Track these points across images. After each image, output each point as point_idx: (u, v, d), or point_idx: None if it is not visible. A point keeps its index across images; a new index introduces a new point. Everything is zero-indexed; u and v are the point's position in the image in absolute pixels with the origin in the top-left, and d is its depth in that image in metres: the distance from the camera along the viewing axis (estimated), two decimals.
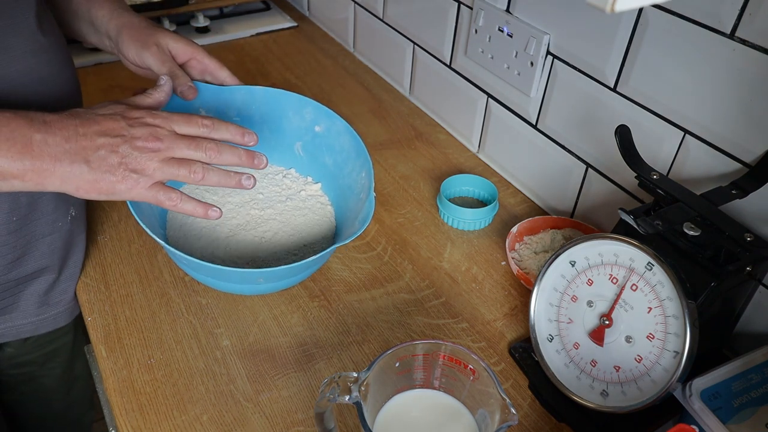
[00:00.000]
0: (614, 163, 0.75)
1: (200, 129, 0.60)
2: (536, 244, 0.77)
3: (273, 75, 1.15)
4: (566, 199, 0.83)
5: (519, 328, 0.71)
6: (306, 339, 0.68)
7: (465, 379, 0.53)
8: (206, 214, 0.61)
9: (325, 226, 0.76)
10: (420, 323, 0.71)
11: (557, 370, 0.61)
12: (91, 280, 0.74)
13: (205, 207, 0.61)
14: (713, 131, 0.63)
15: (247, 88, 0.77)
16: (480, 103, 0.93)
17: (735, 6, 0.57)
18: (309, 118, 0.78)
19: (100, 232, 0.80)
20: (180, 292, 0.73)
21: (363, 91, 1.12)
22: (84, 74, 1.12)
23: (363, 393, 0.50)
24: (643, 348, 0.55)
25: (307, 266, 0.65)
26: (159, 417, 0.60)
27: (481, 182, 0.87)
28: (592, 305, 0.59)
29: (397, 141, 1.00)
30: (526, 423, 0.62)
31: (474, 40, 0.88)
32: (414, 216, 0.85)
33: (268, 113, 0.79)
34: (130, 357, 0.65)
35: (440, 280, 0.76)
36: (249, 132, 0.63)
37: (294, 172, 0.82)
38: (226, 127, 0.62)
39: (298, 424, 0.60)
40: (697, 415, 0.52)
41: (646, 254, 0.55)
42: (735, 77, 0.59)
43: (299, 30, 1.32)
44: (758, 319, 0.64)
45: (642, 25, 0.66)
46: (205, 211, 0.61)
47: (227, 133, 0.62)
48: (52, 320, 0.74)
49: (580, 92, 0.76)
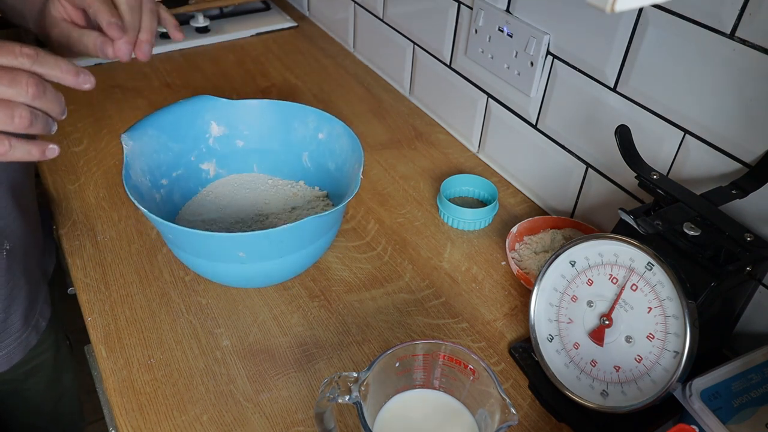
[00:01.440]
0: (614, 163, 0.75)
1: (19, 59, 0.47)
2: (536, 244, 0.77)
3: (273, 75, 1.15)
4: (566, 199, 0.83)
5: (519, 328, 0.71)
6: (306, 339, 0.68)
7: (465, 379, 0.53)
8: (44, 154, 0.51)
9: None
10: (420, 323, 0.71)
11: (557, 370, 0.61)
12: (91, 280, 0.74)
13: (40, 146, 0.51)
14: (713, 131, 0.63)
15: (256, 101, 0.80)
16: (480, 103, 0.93)
17: (735, 6, 0.57)
18: (312, 126, 0.79)
19: (100, 232, 0.80)
20: (180, 292, 0.73)
21: (363, 91, 1.12)
22: None
23: (363, 393, 0.50)
24: (643, 348, 0.55)
25: (283, 238, 0.63)
26: (159, 417, 0.60)
27: (481, 182, 0.87)
28: (592, 305, 0.59)
29: (397, 141, 1.00)
30: (526, 423, 0.62)
31: (474, 40, 0.88)
32: (414, 216, 0.85)
33: (276, 126, 0.80)
34: (130, 357, 0.65)
35: (440, 280, 0.76)
36: (85, 71, 0.51)
37: (303, 184, 0.83)
38: (55, 61, 0.49)
39: (298, 424, 0.60)
40: (697, 415, 0.52)
41: (646, 254, 0.55)
42: (735, 77, 0.59)
43: (299, 30, 1.32)
44: (758, 319, 0.64)
45: (642, 25, 0.66)
46: (41, 151, 0.50)
47: (56, 69, 0.49)
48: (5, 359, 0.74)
49: (580, 92, 0.76)
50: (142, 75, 1.13)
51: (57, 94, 0.50)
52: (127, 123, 0.99)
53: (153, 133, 0.74)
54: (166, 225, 0.61)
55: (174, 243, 0.67)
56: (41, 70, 0.49)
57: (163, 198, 0.75)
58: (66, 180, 0.88)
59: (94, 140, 0.96)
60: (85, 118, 1.00)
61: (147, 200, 0.70)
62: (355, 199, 0.87)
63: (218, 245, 0.63)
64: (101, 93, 1.07)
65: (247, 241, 0.62)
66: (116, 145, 0.95)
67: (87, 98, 1.05)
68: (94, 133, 0.97)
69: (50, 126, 0.51)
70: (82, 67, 0.51)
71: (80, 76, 0.51)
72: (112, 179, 0.88)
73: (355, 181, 0.67)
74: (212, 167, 0.82)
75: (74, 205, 0.84)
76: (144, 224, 0.81)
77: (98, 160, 0.92)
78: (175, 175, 0.77)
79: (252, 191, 0.82)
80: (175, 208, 0.77)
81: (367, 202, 0.87)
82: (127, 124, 0.99)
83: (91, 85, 0.52)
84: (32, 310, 0.76)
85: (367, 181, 0.91)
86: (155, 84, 1.11)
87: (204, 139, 0.80)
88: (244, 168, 0.84)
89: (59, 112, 0.51)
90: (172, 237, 0.66)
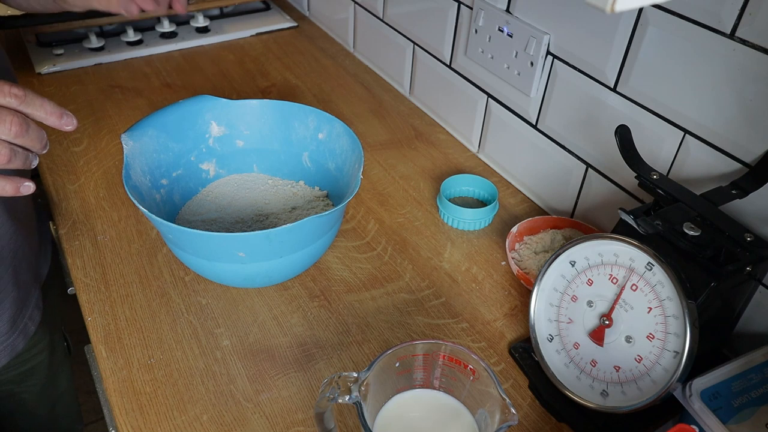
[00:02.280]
0: (614, 163, 0.75)
1: (7, 99, 0.50)
2: (536, 244, 0.77)
3: (273, 75, 1.15)
4: (566, 199, 0.83)
5: (519, 328, 0.71)
6: (306, 339, 0.68)
7: (465, 379, 0.53)
8: (17, 191, 0.52)
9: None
10: (420, 323, 0.71)
11: (557, 370, 0.61)
12: (91, 280, 0.74)
13: (14, 183, 0.52)
14: (713, 131, 0.63)
15: (256, 101, 0.80)
16: (480, 103, 0.93)
17: (735, 6, 0.57)
18: (312, 126, 0.79)
19: (100, 232, 0.80)
20: (180, 292, 0.73)
21: (363, 91, 1.12)
22: (84, 74, 1.12)
23: (363, 393, 0.50)
24: (643, 348, 0.55)
25: (283, 238, 0.63)
26: (159, 417, 0.60)
27: (481, 182, 0.87)
28: (592, 305, 0.59)
29: (397, 141, 1.00)
30: (526, 423, 0.62)
31: (474, 40, 0.88)
32: (414, 216, 0.85)
33: (276, 126, 0.81)
34: (130, 357, 0.65)
35: (440, 280, 0.76)
36: (68, 113, 0.54)
37: (303, 184, 0.83)
38: (41, 102, 0.52)
39: (298, 424, 0.60)
40: (697, 415, 0.52)
41: (646, 254, 0.55)
42: (735, 77, 0.59)
43: (299, 30, 1.32)
44: (758, 319, 0.64)
45: (642, 25, 0.66)
46: (15, 188, 0.52)
47: (41, 110, 0.52)
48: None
49: (580, 92, 0.76)
50: (142, 75, 1.13)
51: (40, 132, 0.52)
52: (127, 123, 0.99)
53: (153, 133, 0.74)
54: (166, 225, 0.61)
55: (174, 243, 0.67)
56: (27, 110, 0.51)
57: (163, 198, 0.75)
58: (66, 180, 0.88)
59: (94, 140, 0.96)
60: (85, 118, 1.00)
61: (147, 200, 0.70)
62: (355, 199, 0.87)
63: (218, 245, 0.63)
64: (101, 93, 1.07)
65: (247, 241, 0.62)
66: (116, 145, 0.95)
67: (87, 98, 1.05)
68: (94, 133, 0.97)
69: (31, 161, 0.53)
70: (65, 110, 0.54)
71: (63, 118, 0.53)
72: (112, 179, 0.88)
73: (355, 181, 0.67)
74: (212, 167, 0.82)
75: (74, 205, 0.84)
76: (144, 224, 0.81)
77: (98, 160, 0.92)
78: (175, 175, 0.77)
79: (252, 191, 0.82)
80: (175, 208, 0.77)
81: (367, 202, 0.87)
82: (127, 124, 0.99)
83: (73, 127, 0.54)
84: (20, 315, 0.75)
85: (367, 181, 0.91)
86: (155, 84, 1.11)
87: (204, 139, 0.80)
88: (244, 168, 0.84)
89: (40, 148, 0.53)
90: (172, 237, 0.66)
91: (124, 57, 1.17)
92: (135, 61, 1.17)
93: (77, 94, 1.06)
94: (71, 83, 1.09)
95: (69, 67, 1.13)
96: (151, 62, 1.17)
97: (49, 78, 1.10)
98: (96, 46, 1.17)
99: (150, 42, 1.21)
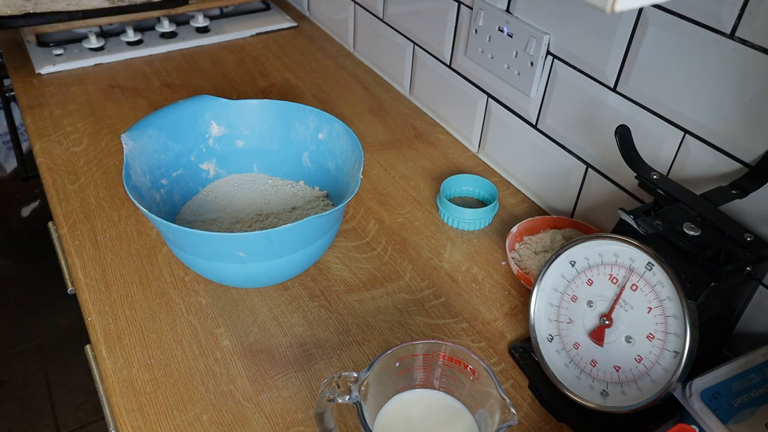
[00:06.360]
0: (614, 163, 0.75)
1: None
2: (536, 244, 0.77)
3: (273, 75, 1.15)
4: (566, 199, 0.83)
5: (519, 328, 0.71)
6: (306, 339, 0.68)
7: (465, 379, 0.53)
8: None
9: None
10: (420, 323, 0.71)
11: (557, 370, 0.61)
12: (91, 280, 0.74)
13: None
14: (713, 131, 0.63)
15: (256, 101, 0.80)
16: (480, 103, 0.93)
17: (735, 6, 0.57)
18: (313, 126, 0.79)
19: (100, 232, 0.80)
20: (180, 292, 0.73)
21: (363, 91, 1.12)
22: (84, 74, 1.12)
23: (363, 393, 0.50)
24: (643, 348, 0.55)
25: (283, 238, 0.63)
26: (159, 417, 0.60)
27: (481, 182, 0.87)
28: (592, 305, 0.59)
29: (397, 141, 1.00)
30: (526, 423, 0.62)
31: (474, 40, 0.88)
32: (414, 216, 0.85)
33: (276, 126, 0.81)
34: (130, 357, 0.65)
35: (440, 280, 0.76)
36: None
37: (303, 184, 0.83)
38: None
39: (298, 424, 0.60)
40: (697, 415, 0.52)
41: (646, 254, 0.55)
42: (735, 77, 0.59)
43: (299, 30, 1.32)
44: (758, 319, 0.64)
45: (642, 25, 0.66)
46: None
47: None
48: None
49: (580, 92, 0.76)
50: (142, 75, 1.13)
51: None
52: (127, 123, 0.99)
53: (153, 133, 0.74)
54: (166, 225, 0.62)
55: (174, 243, 0.67)
56: None
57: (163, 198, 0.75)
58: (66, 180, 0.88)
59: (94, 140, 0.96)
60: (85, 118, 1.00)
61: (147, 200, 0.70)
62: (355, 199, 0.87)
63: (218, 245, 0.63)
64: (101, 93, 1.07)
65: (247, 241, 0.62)
66: (116, 145, 0.95)
67: (87, 98, 1.05)
68: (94, 133, 0.97)
69: None
70: None
71: None
72: (112, 179, 0.88)
73: (355, 181, 0.67)
74: (212, 167, 0.82)
75: (74, 205, 0.84)
76: (144, 224, 0.81)
77: (98, 160, 0.92)
78: (175, 175, 0.77)
79: (252, 191, 0.82)
80: (175, 208, 0.77)
81: (367, 202, 0.87)
82: (127, 124, 0.99)
83: None
84: None
85: (367, 181, 0.91)
86: (155, 84, 1.11)
87: (204, 139, 0.80)
88: (244, 168, 0.84)
89: None
90: (172, 237, 0.66)
91: (124, 57, 1.17)
92: (135, 61, 1.17)
93: (77, 94, 1.06)
94: (71, 83, 1.09)
95: (69, 67, 1.13)
96: (151, 62, 1.17)
97: (49, 78, 1.10)
98: (96, 46, 1.17)
99: (150, 42, 1.21)
